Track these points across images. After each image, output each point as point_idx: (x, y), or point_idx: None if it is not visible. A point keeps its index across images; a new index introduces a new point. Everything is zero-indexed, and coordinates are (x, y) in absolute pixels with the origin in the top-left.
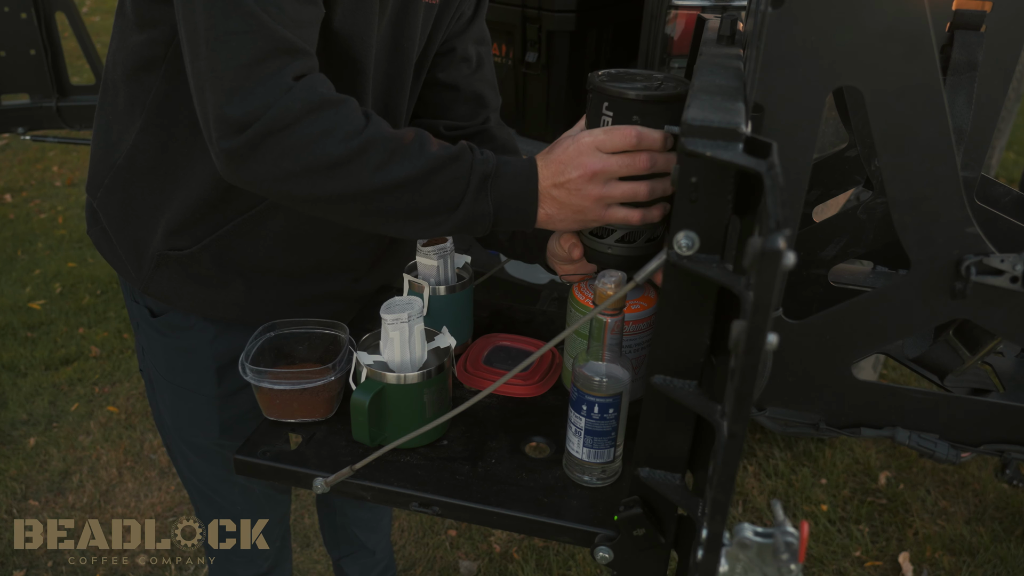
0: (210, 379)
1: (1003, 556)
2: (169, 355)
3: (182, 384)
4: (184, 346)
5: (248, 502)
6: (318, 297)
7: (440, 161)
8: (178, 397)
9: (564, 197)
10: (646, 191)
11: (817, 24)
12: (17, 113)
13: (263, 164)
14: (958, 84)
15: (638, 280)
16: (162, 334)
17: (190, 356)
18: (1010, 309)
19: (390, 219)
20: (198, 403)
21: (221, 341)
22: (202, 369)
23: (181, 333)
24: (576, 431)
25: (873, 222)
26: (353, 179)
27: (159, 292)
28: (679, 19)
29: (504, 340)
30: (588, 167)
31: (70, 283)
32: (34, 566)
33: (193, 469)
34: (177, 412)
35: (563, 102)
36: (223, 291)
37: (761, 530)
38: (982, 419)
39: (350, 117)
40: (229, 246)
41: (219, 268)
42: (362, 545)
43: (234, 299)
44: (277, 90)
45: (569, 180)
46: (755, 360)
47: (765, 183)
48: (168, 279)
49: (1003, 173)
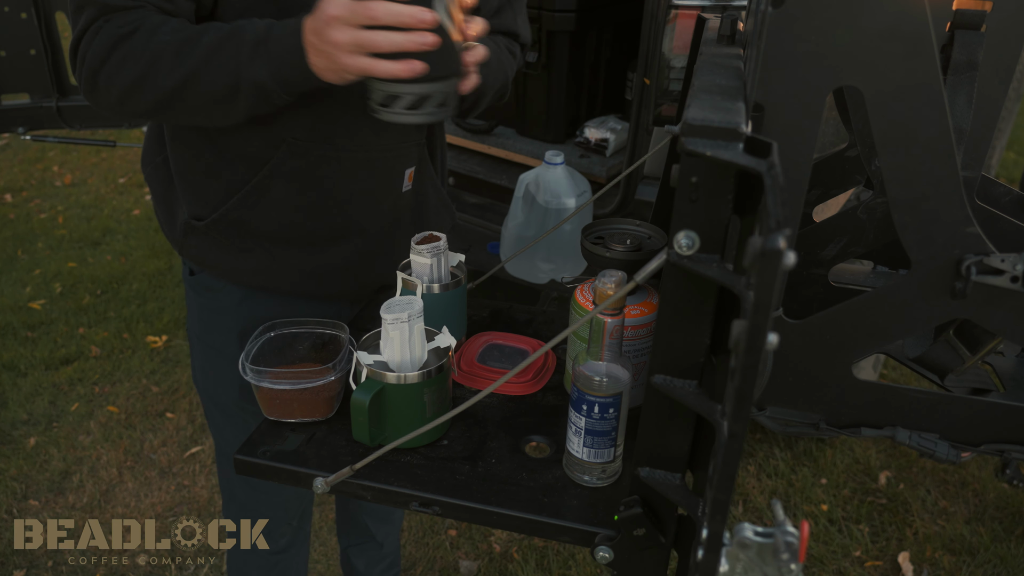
0: (233, 341)
1: (1003, 556)
2: (202, 313)
3: (210, 343)
4: (214, 306)
5: None
6: (337, 269)
7: (215, 45)
8: (206, 355)
9: (319, 44)
10: (382, 41)
11: (817, 24)
12: (17, 113)
13: (102, 95)
14: (958, 84)
15: (638, 280)
16: (197, 293)
17: (218, 317)
18: (1010, 309)
19: (209, 109)
20: (223, 363)
21: (246, 306)
22: (227, 331)
23: (212, 294)
24: (576, 431)
25: (873, 222)
26: (158, 87)
27: (191, 255)
28: (679, 19)
29: (497, 338)
30: (328, 13)
31: (70, 283)
32: (34, 566)
33: (219, 430)
34: (205, 370)
35: (563, 102)
36: (245, 259)
37: (761, 530)
38: (982, 419)
39: (140, 40)
40: (241, 216)
41: (238, 237)
42: (371, 536)
43: (255, 267)
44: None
45: (319, 27)
46: (755, 360)
47: (765, 183)
48: (197, 245)
49: (1003, 173)
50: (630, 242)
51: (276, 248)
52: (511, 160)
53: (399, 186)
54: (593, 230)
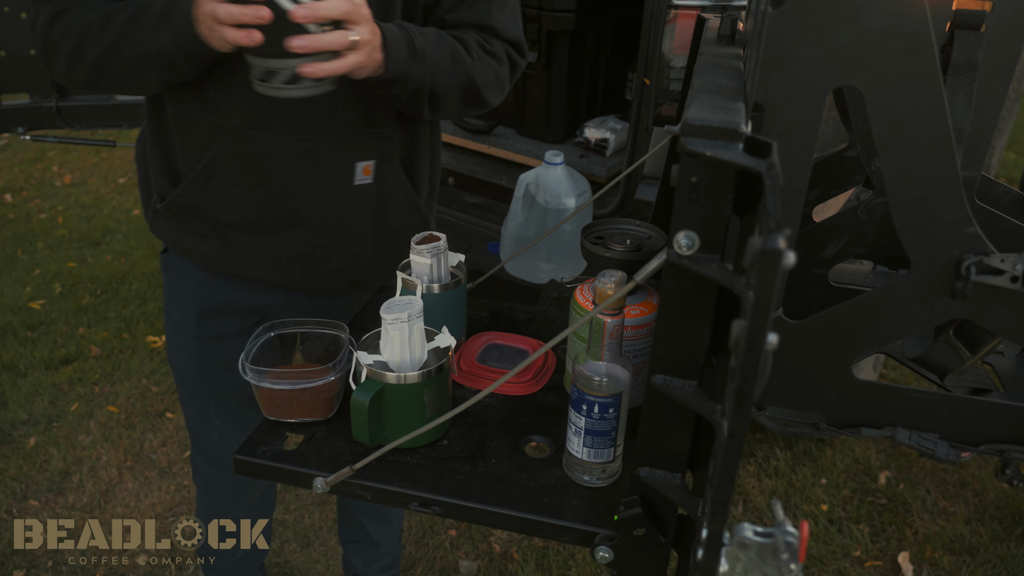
0: (192, 321)
1: (1003, 556)
2: (169, 290)
3: (175, 319)
4: (177, 284)
5: (227, 449)
6: (288, 257)
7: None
8: (172, 330)
9: (198, 14)
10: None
11: (817, 24)
12: (17, 113)
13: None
14: (958, 84)
15: (638, 280)
16: (166, 270)
17: (181, 295)
18: (1010, 309)
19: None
20: (183, 339)
21: (204, 288)
22: (186, 309)
23: (177, 272)
24: (576, 431)
25: (873, 222)
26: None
27: (159, 233)
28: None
29: (496, 338)
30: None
31: (70, 283)
32: (34, 566)
33: (184, 402)
34: (171, 344)
35: (563, 102)
36: (201, 242)
37: (761, 530)
38: (982, 419)
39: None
40: (192, 200)
41: (193, 221)
42: (367, 536)
43: (211, 250)
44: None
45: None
46: (755, 360)
47: (765, 183)
48: (162, 225)
49: (1003, 173)
50: (630, 242)
51: (229, 232)
52: (511, 160)
53: (349, 179)
54: (593, 230)
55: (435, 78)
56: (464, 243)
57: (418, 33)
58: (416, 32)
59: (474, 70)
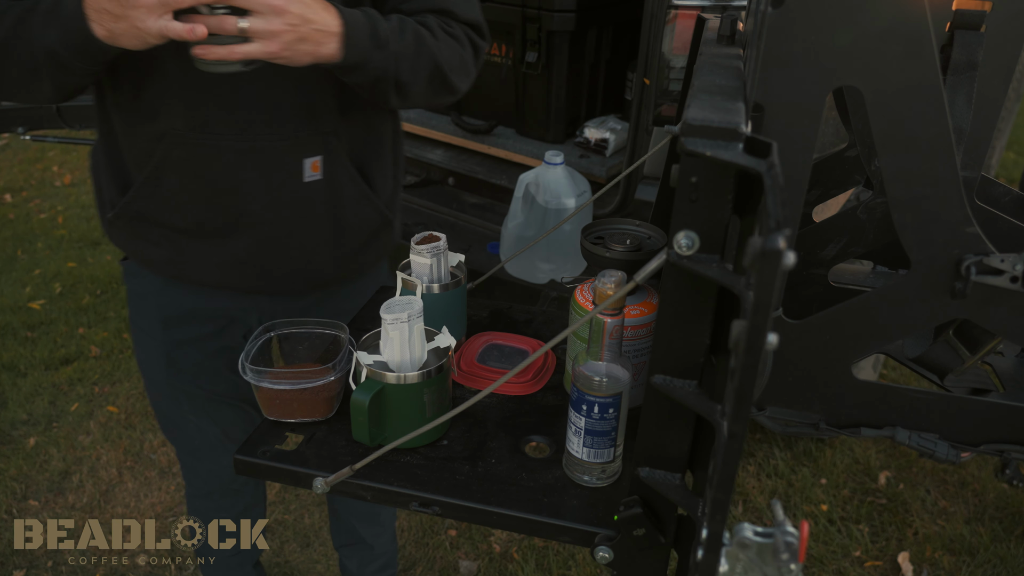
0: (157, 326)
1: (1003, 556)
2: (131, 297)
3: (140, 326)
4: (139, 291)
5: (204, 439)
6: (242, 260)
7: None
8: (138, 336)
9: (118, 10)
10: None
11: (817, 24)
12: (17, 113)
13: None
14: (958, 84)
15: (638, 280)
16: (126, 278)
17: (143, 301)
18: (1010, 309)
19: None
20: (150, 344)
21: (165, 294)
22: (151, 315)
23: (137, 279)
24: (576, 431)
25: (873, 222)
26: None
27: (116, 242)
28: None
29: (496, 338)
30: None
31: (70, 283)
32: (34, 566)
33: (157, 405)
34: (138, 349)
35: (563, 102)
36: (156, 250)
37: (761, 530)
38: (982, 419)
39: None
40: (141, 208)
41: (145, 228)
42: (360, 538)
43: (166, 257)
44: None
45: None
46: (755, 360)
47: (765, 183)
48: (118, 234)
49: (1003, 173)
50: (630, 242)
51: (180, 239)
52: (511, 160)
53: (298, 176)
54: (593, 230)
55: (400, 65)
56: (464, 243)
57: (382, 20)
58: (380, 19)
59: (440, 55)
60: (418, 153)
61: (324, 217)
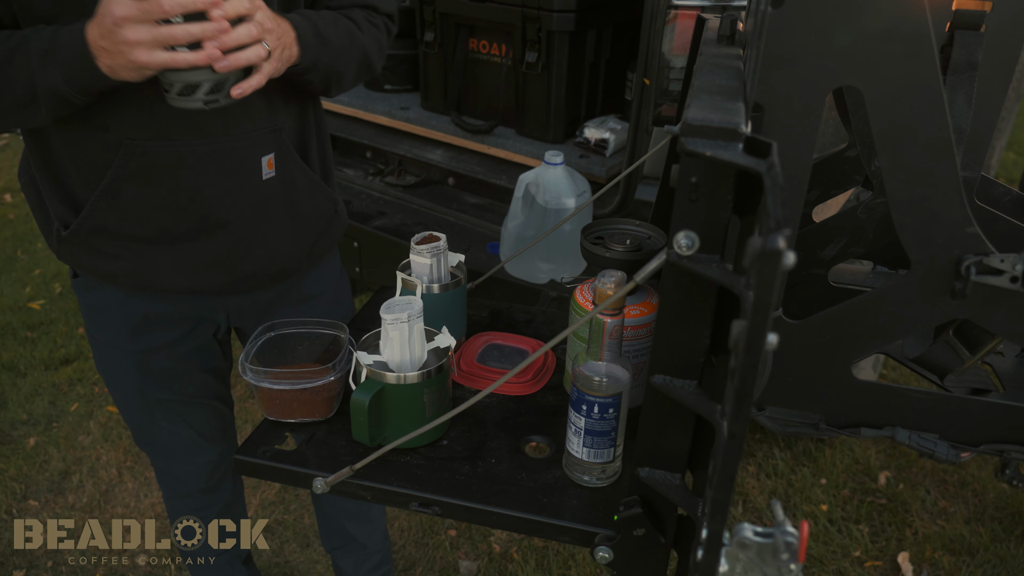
0: (124, 337)
1: (1003, 556)
2: (88, 313)
3: (103, 340)
4: (98, 305)
5: (178, 443)
6: (208, 263)
7: (6, 56)
8: (101, 351)
9: (111, 46)
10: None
11: (817, 24)
12: None
13: None
14: (958, 84)
15: (638, 280)
16: (81, 295)
17: (104, 315)
18: (1010, 309)
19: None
20: (117, 357)
21: (130, 304)
22: (116, 328)
23: (95, 293)
24: (576, 431)
25: (873, 222)
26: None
27: (69, 261)
28: (679, 19)
29: (496, 338)
30: (116, 15)
31: (70, 283)
32: (34, 566)
33: (126, 416)
34: (104, 365)
35: (563, 102)
36: (116, 262)
37: (761, 530)
38: (982, 419)
39: None
40: (99, 221)
41: (105, 242)
42: (352, 538)
43: (127, 269)
44: None
45: (108, 30)
46: (755, 360)
47: (765, 183)
48: (71, 252)
49: (1003, 173)
50: (630, 242)
51: (143, 248)
52: (511, 160)
53: (257, 174)
54: (593, 230)
55: (338, 58)
56: (464, 243)
57: (319, 20)
58: (318, 19)
59: (367, 44)
60: (418, 153)
61: (283, 212)
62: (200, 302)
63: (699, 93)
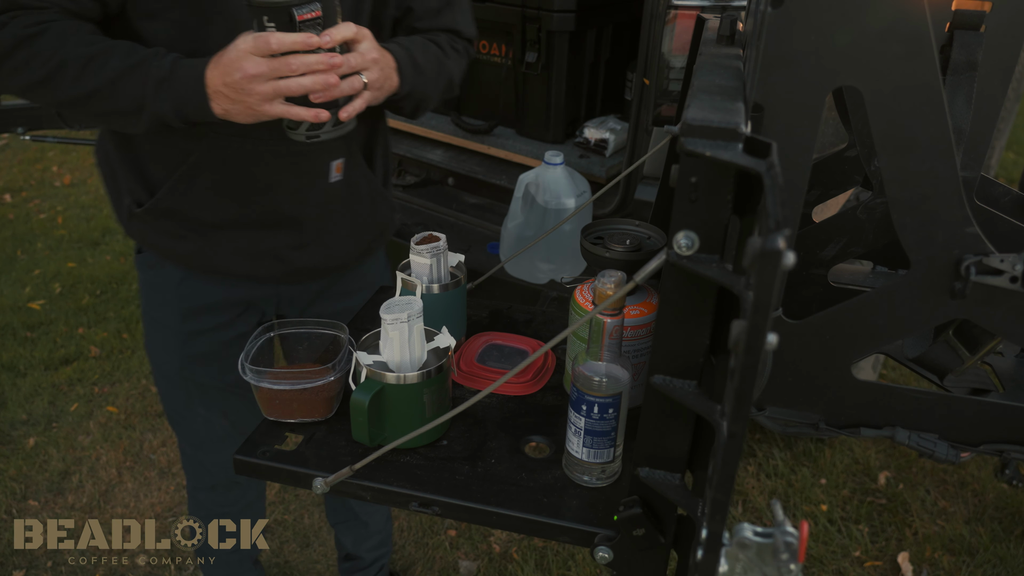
0: (175, 317)
1: (1003, 556)
2: (146, 289)
3: (155, 317)
4: (157, 283)
5: (211, 432)
6: (269, 253)
7: (121, 71)
8: (152, 328)
9: (234, 95)
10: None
11: (817, 24)
12: (17, 113)
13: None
14: (958, 84)
15: (637, 280)
16: (142, 270)
17: (161, 293)
18: (1010, 309)
19: (105, 118)
20: (166, 335)
21: (186, 285)
22: (169, 306)
23: (155, 271)
24: (576, 431)
25: (873, 222)
26: (60, 91)
27: (136, 236)
28: (679, 19)
29: (496, 338)
30: (247, 72)
31: (70, 283)
32: (34, 566)
33: (164, 396)
34: (151, 341)
35: (563, 102)
36: (181, 243)
37: (761, 530)
38: (982, 419)
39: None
40: (172, 204)
41: (173, 223)
42: (354, 515)
43: (191, 250)
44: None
45: (234, 82)
46: (755, 360)
47: (765, 183)
48: (139, 228)
49: (1003, 173)
50: (630, 242)
51: (209, 231)
52: (511, 160)
53: (325, 177)
54: (593, 230)
55: (428, 85)
56: (464, 243)
57: (413, 48)
58: (413, 48)
59: (452, 70)
60: (418, 153)
61: (345, 214)
62: (253, 288)
63: (699, 93)
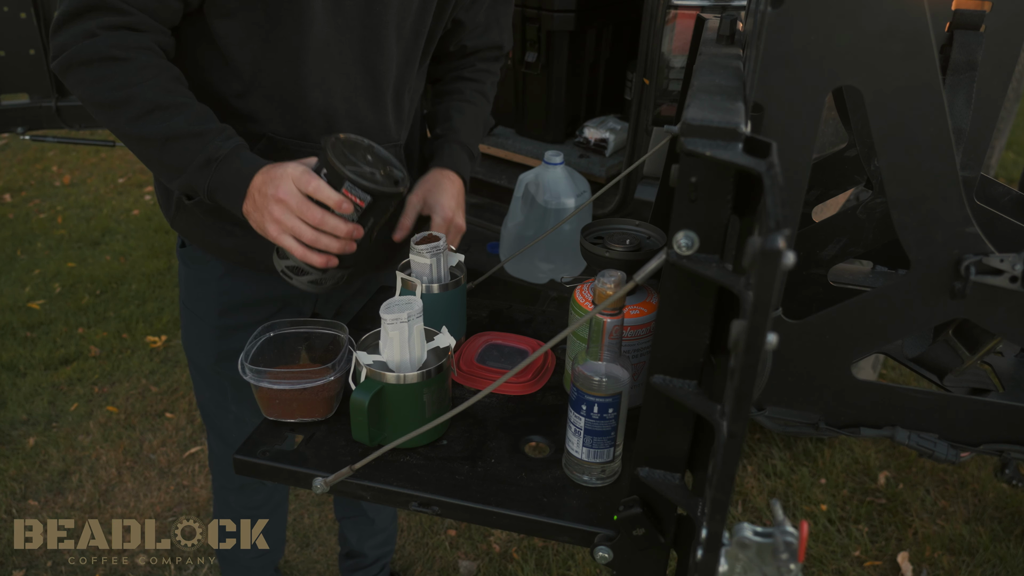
0: (213, 311)
1: (1002, 556)
2: (188, 282)
3: (194, 310)
4: (199, 277)
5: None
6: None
7: (182, 132)
8: (190, 321)
9: (260, 203)
10: (309, 235)
11: (816, 24)
12: (17, 113)
13: (71, 86)
14: (958, 84)
15: (637, 280)
16: (185, 264)
17: (202, 287)
18: (1009, 309)
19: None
20: (203, 329)
21: (227, 280)
22: (209, 300)
23: (198, 265)
24: (576, 431)
25: (873, 222)
26: (115, 122)
27: (181, 229)
28: (679, 19)
29: (496, 338)
30: (279, 194)
31: (69, 283)
32: (34, 566)
33: (199, 389)
34: (188, 334)
35: (562, 102)
36: (227, 237)
37: (760, 530)
38: (981, 419)
39: (127, 72)
40: None
41: (220, 219)
42: (362, 511)
43: (236, 245)
44: (80, 36)
45: (266, 194)
46: (755, 360)
47: (765, 183)
48: (186, 221)
49: (1003, 173)
50: (629, 242)
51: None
52: (511, 160)
53: None
54: (592, 230)
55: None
56: (464, 243)
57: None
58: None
59: (489, 109)
60: None
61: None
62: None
63: (699, 93)
